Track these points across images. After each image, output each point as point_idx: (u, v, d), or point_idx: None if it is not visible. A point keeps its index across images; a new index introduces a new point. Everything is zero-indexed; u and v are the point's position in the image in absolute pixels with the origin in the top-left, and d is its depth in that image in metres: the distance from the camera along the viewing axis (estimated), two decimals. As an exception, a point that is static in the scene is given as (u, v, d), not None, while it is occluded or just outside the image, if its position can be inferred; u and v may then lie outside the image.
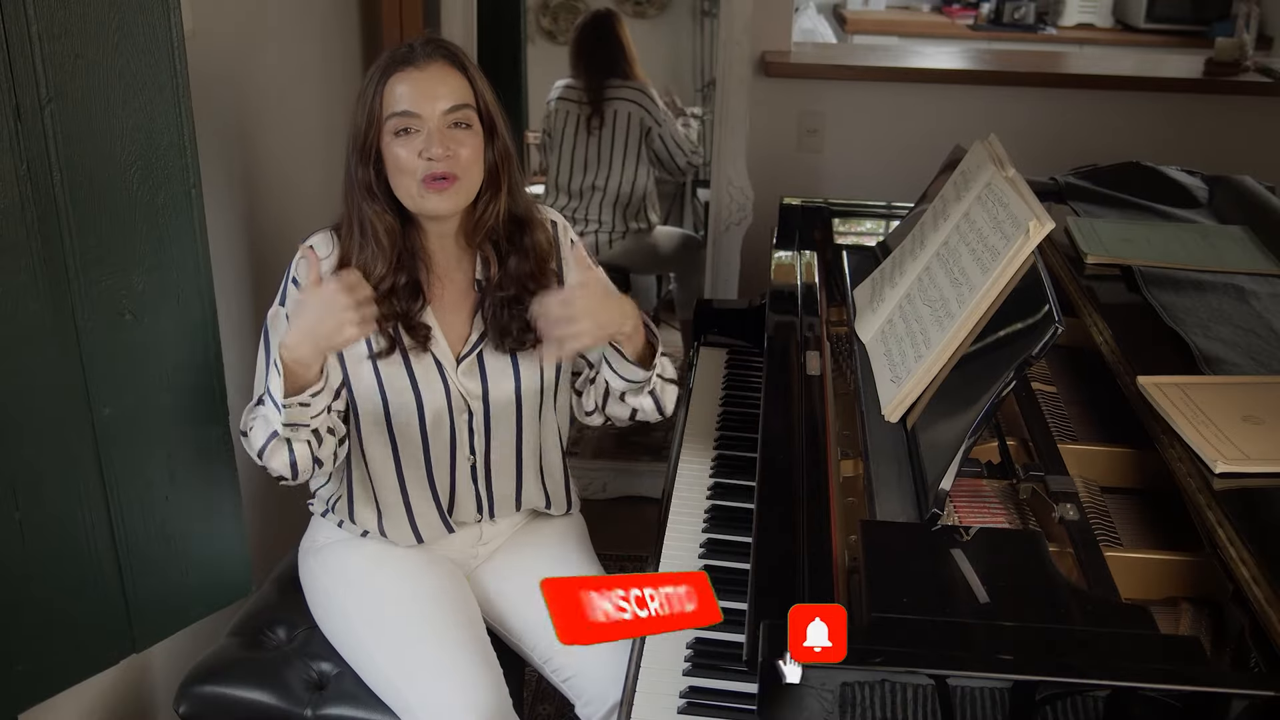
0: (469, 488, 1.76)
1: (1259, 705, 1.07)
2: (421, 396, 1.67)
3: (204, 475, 1.68)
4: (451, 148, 1.58)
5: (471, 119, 1.61)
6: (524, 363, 1.72)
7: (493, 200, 1.66)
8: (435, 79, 1.59)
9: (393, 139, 1.59)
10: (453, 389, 1.69)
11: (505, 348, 1.70)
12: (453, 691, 1.60)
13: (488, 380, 1.71)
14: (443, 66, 1.60)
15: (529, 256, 1.69)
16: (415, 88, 1.58)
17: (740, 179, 3.06)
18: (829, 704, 1.11)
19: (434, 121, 1.57)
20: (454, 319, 1.71)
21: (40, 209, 1.39)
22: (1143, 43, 4.87)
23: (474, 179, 1.62)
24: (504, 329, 1.69)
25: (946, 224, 1.73)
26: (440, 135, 1.57)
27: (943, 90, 3.22)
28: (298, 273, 1.65)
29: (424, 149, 1.57)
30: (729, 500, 1.81)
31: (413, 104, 1.57)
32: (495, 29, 3.27)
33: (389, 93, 1.59)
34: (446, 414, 1.70)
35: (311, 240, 1.68)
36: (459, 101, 1.59)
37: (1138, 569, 1.35)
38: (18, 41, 1.32)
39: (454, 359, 1.69)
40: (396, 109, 1.58)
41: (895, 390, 1.55)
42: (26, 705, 1.54)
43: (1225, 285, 1.77)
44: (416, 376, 1.67)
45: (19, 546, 1.45)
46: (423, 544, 1.77)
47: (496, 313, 1.69)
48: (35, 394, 1.43)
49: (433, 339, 1.67)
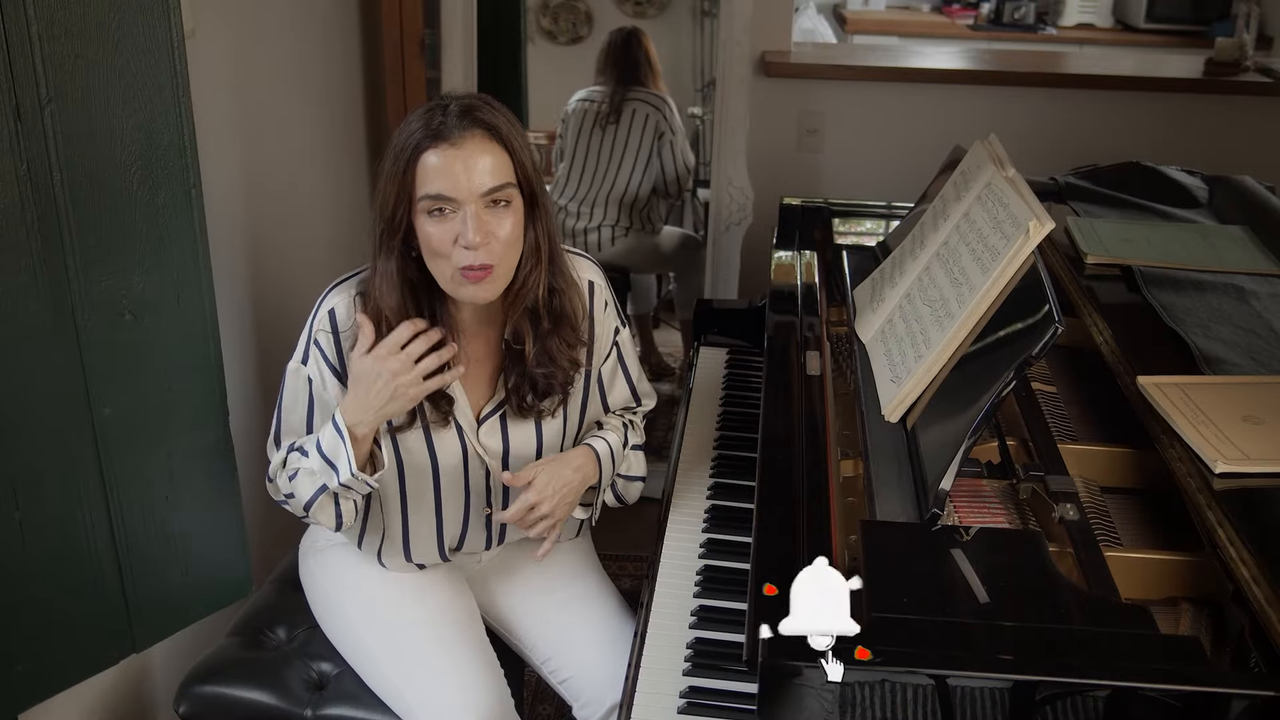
0: (480, 532, 1.74)
1: (1259, 705, 1.07)
2: (438, 461, 1.63)
3: (204, 475, 1.68)
4: (490, 230, 1.46)
5: (512, 196, 1.49)
6: (546, 424, 1.67)
7: (534, 271, 1.55)
8: (472, 156, 1.45)
9: (426, 218, 1.47)
10: (470, 450, 1.64)
11: (525, 415, 1.64)
12: (452, 691, 1.61)
13: (509, 439, 1.65)
14: (480, 141, 1.46)
15: (559, 324, 1.60)
16: (450, 166, 1.44)
17: (740, 179, 3.06)
18: (829, 704, 1.11)
19: (472, 205, 1.45)
20: (477, 378, 1.63)
21: (40, 209, 1.39)
22: (1143, 43, 4.87)
23: (512, 260, 1.51)
24: (521, 397, 1.61)
25: (946, 224, 1.73)
26: (478, 220, 1.45)
27: (943, 90, 3.22)
28: (346, 345, 1.56)
29: (460, 234, 1.45)
30: (729, 500, 1.81)
31: (447, 187, 1.45)
32: (495, 29, 3.28)
33: (421, 170, 1.45)
34: (462, 473, 1.66)
35: (332, 303, 1.59)
36: (499, 182, 1.47)
37: (1138, 569, 1.35)
38: (18, 41, 1.32)
39: (474, 420, 1.63)
40: (430, 190, 1.45)
41: (895, 390, 1.55)
42: (26, 705, 1.54)
43: (1225, 285, 1.77)
44: (434, 443, 1.62)
45: (19, 546, 1.45)
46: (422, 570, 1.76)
47: (519, 385, 1.61)
48: (35, 394, 1.43)
49: (455, 406, 1.61)
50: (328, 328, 1.58)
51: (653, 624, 1.55)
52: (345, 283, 1.61)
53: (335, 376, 1.59)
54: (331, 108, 2.62)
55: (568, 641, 1.74)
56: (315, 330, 1.59)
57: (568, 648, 1.74)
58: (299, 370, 1.61)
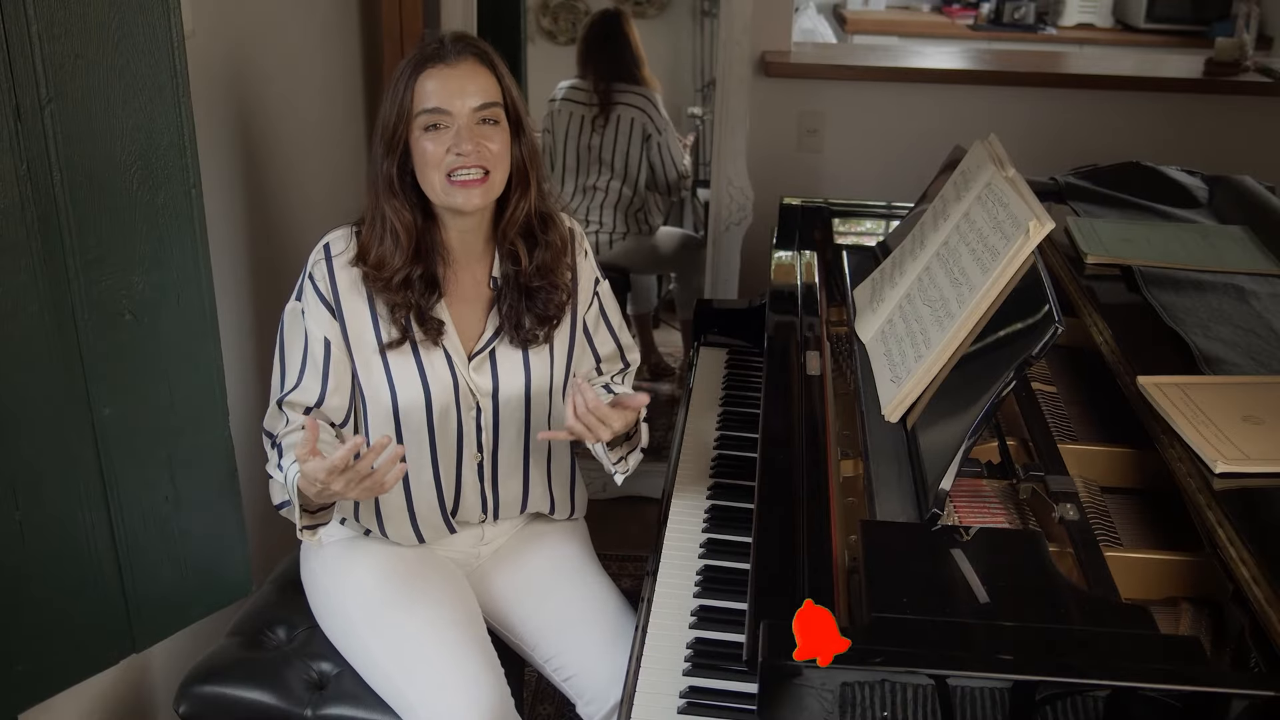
0: (475, 487, 1.76)
1: (1259, 705, 1.07)
2: (430, 390, 1.68)
3: (204, 475, 1.68)
4: (480, 143, 1.59)
5: (500, 116, 1.63)
6: (535, 360, 1.73)
7: (523, 197, 1.68)
8: (466, 76, 1.60)
9: (422, 134, 1.60)
10: (462, 384, 1.69)
11: (519, 342, 1.71)
12: (453, 691, 1.61)
13: (499, 376, 1.71)
14: (473, 64, 1.62)
15: (549, 252, 1.71)
16: (446, 84, 1.59)
17: (740, 179, 3.06)
18: (829, 704, 1.11)
19: (464, 118, 1.59)
20: (468, 314, 1.72)
21: (40, 209, 1.39)
22: (1143, 43, 4.87)
23: (502, 174, 1.64)
24: (518, 323, 1.70)
25: (946, 224, 1.73)
26: (470, 131, 1.59)
27: (943, 90, 3.22)
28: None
29: (453, 145, 1.59)
30: (729, 500, 1.81)
31: (443, 100, 1.59)
32: (495, 29, 3.27)
33: (419, 89, 1.60)
34: (454, 409, 1.70)
35: (329, 238, 1.69)
36: (488, 99, 1.61)
37: (1138, 569, 1.35)
38: (18, 41, 1.32)
39: (465, 355, 1.70)
40: (427, 105, 1.59)
41: (895, 390, 1.55)
42: (26, 705, 1.54)
43: (1225, 285, 1.77)
44: (425, 370, 1.68)
45: (19, 546, 1.45)
46: (424, 544, 1.77)
47: (514, 306, 1.70)
48: (35, 394, 1.43)
49: (445, 333, 1.68)
50: (323, 257, 1.67)
51: (653, 624, 1.55)
52: (340, 226, 1.71)
53: (326, 307, 1.66)
54: (332, 108, 2.62)
55: (570, 640, 1.74)
56: (311, 264, 1.68)
57: (570, 646, 1.74)
58: (294, 307, 1.69)
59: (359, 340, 1.67)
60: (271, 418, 1.70)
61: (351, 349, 1.67)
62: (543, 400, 1.75)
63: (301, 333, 1.68)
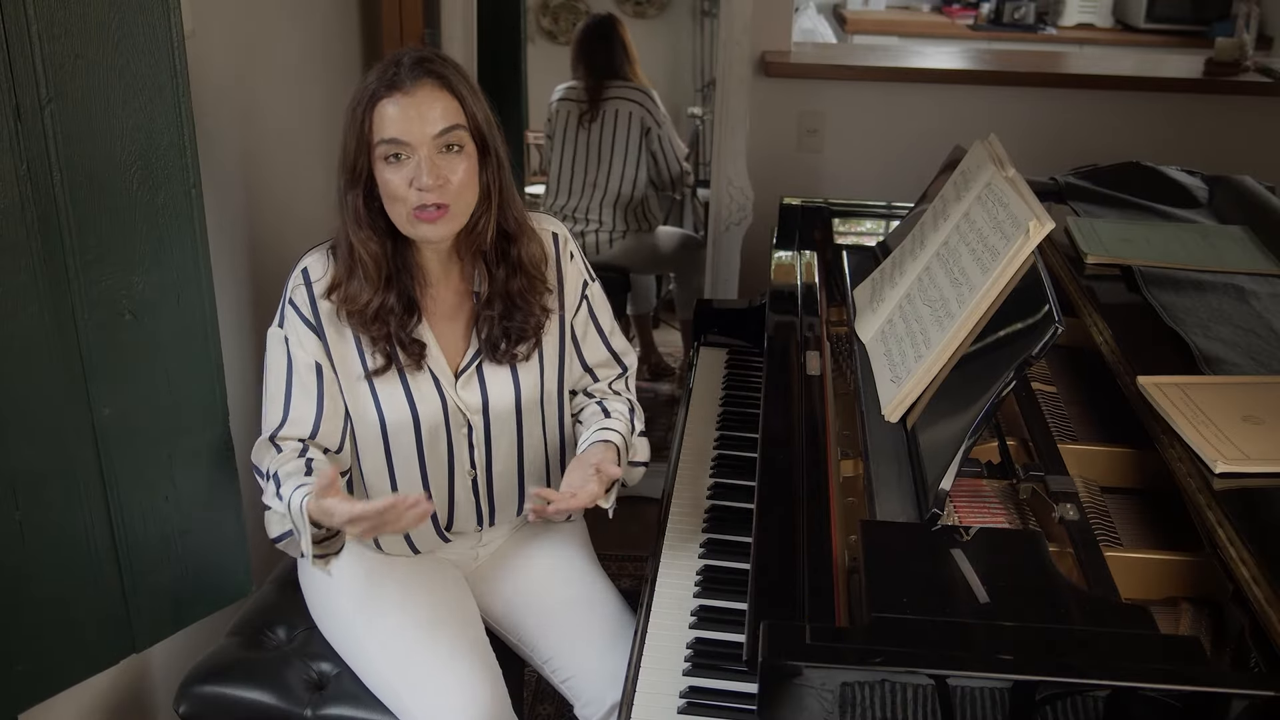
0: (469, 501, 1.75)
1: (1259, 705, 1.07)
2: (418, 412, 1.66)
3: (204, 475, 1.68)
4: (443, 175, 1.54)
5: (463, 139, 1.57)
6: (523, 372, 1.71)
7: (484, 216, 1.63)
8: (424, 103, 1.54)
9: (383, 164, 1.55)
10: (450, 404, 1.67)
11: (500, 361, 1.68)
12: (451, 692, 1.60)
13: (488, 392, 1.69)
14: (431, 89, 1.55)
15: (517, 271, 1.66)
16: (405, 112, 1.53)
17: (740, 179, 3.06)
18: (829, 704, 1.11)
19: (425, 148, 1.53)
20: (450, 332, 1.69)
21: (40, 209, 1.39)
22: (1143, 43, 4.87)
23: (467, 203, 1.59)
24: (494, 344, 1.67)
25: (946, 224, 1.73)
26: (430, 163, 1.53)
27: (943, 90, 3.22)
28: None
29: (415, 178, 1.53)
30: (729, 500, 1.81)
31: (401, 131, 1.53)
32: (495, 29, 3.27)
33: (378, 117, 1.54)
34: (443, 429, 1.68)
35: (306, 261, 1.66)
36: (449, 123, 1.55)
37: (1138, 569, 1.35)
38: (18, 41, 1.32)
39: (452, 374, 1.68)
40: (385, 135, 1.54)
41: (895, 390, 1.55)
42: (26, 705, 1.54)
43: (1225, 285, 1.77)
44: (413, 393, 1.65)
45: (19, 546, 1.45)
46: (418, 555, 1.77)
47: (489, 329, 1.67)
48: (35, 394, 1.43)
49: (428, 355, 1.65)
50: (302, 283, 1.64)
51: (653, 624, 1.55)
52: (317, 247, 1.68)
53: (311, 330, 1.63)
54: (332, 108, 2.61)
55: (569, 641, 1.74)
56: (290, 290, 1.65)
57: (569, 647, 1.74)
58: (276, 333, 1.66)
59: (344, 366, 1.64)
60: (260, 450, 1.65)
61: (338, 374, 1.65)
62: (534, 410, 1.74)
63: (285, 360, 1.64)
